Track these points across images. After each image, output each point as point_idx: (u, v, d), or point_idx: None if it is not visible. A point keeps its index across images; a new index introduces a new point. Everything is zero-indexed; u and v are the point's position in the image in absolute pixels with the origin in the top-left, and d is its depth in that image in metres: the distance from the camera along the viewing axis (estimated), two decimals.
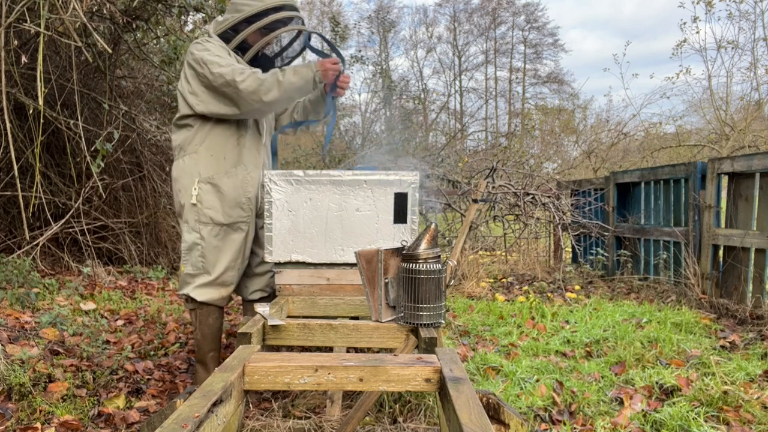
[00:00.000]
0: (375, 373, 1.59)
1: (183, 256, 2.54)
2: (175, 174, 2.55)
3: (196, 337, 2.56)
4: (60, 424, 2.15)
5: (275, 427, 2.13)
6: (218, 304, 2.56)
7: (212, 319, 2.56)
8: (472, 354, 3.16)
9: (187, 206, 2.49)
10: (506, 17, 28.10)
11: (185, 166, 2.51)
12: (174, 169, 2.57)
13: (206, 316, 2.54)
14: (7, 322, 3.26)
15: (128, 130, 5.35)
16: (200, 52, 2.35)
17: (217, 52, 2.37)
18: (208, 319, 2.54)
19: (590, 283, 5.61)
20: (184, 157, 2.51)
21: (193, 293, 2.51)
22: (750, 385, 2.54)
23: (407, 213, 2.59)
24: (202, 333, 2.54)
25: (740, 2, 9.63)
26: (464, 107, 27.23)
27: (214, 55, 2.34)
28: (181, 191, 2.51)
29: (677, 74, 10.92)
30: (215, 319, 2.57)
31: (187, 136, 2.50)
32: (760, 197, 3.98)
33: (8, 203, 5.14)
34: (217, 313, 2.58)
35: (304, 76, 2.33)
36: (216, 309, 2.58)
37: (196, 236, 2.49)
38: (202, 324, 2.53)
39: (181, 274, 2.56)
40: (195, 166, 2.48)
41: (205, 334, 2.55)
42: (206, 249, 2.50)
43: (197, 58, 2.35)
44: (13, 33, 3.56)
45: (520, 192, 5.76)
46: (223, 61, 2.32)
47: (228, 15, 2.48)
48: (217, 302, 2.55)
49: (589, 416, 2.32)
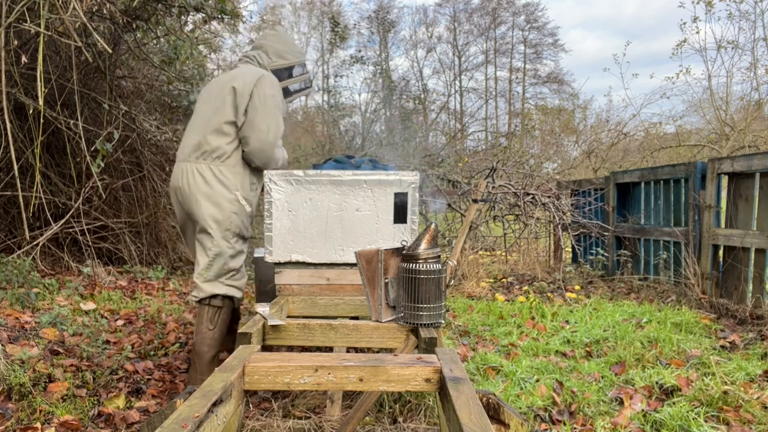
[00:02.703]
0: (375, 373, 1.59)
1: (209, 262, 2.62)
2: (211, 180, 2.62)
3: (212, 336, 2.62)
4: (60, 424, 2.15)
5: (275, 427, 2.13)
6: (238, 301, 2.79)
7: (228, 318, 2.72)
8: (472, 354, 3.16)
9: (227, 215, 2.62)
10: (506, 17, 28.10)
11: (225, 176, 2.63)
12: (208, 174, 2.62)
13: (228, 315, 2.70)
14: (7, 322, 3.26)
15: (128, 130, 5.35)
16: (280, 96, 2.74)
17: (283, 109, 2.80)
18: (227, 319, 2.70)
19: (590, 283, 5.61)
20: (220, 166, 2.62)
21: (226, 291, 2.65)
22: (750, 385, 2.54)
23: (407, 213, 2.59)
24: (221, 331, 2.66)
25: (740, 2, 9.62)
26: (464, 107, 27.23)
27: (281, 115, 2.75)
28: (220, 200, 2.62)
29: (677, 74, 10.90)
30: (229, 319, 2.74)
31: (229, 146, 2.65)
32: (760, 197, 3.98)
33: (8, 203, 5.14)
34: (230, 314, 2.74)
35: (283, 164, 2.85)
36: (232, 310, 2.74)
37: (226, 245, 2.63)
38: (222, 322, 2.67)
39: (202, 279, 2.63)
40: (234, 178, 2.65)
41: (223, 332, 2.68)
42: (234, 256, 2.67)
43: (276, 103, 2.69)
44: (13, 33, 3.56)
45: (520, 192, 5.76)
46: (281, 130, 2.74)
47: (276, 57, 2.86)
48: (239, 298, 2.76)
49: (589, 416, 2.32)
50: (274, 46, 2.87)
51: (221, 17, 5.20)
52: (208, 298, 2.63)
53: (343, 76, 15.49)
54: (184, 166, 2.65)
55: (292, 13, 24.13)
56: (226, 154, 2.63)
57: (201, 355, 2.59)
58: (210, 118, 2.64)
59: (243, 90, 2.60)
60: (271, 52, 2.86)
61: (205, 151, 2.62)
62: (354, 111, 15.81)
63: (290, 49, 2.91)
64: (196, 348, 2.60)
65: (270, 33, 2.98)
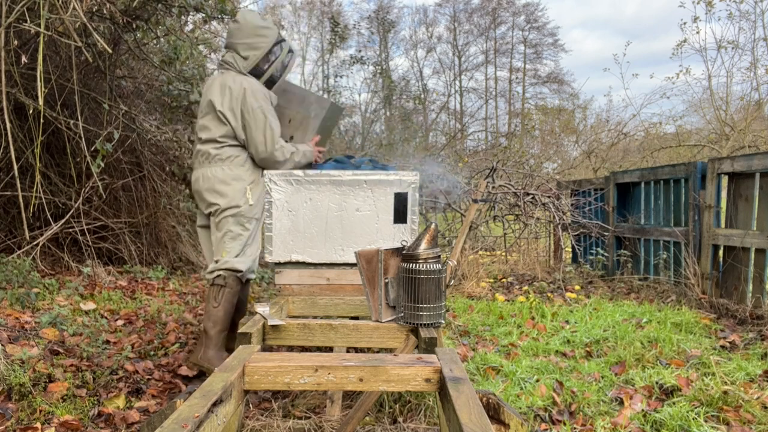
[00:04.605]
0: (375, 373, 1.59)
1: (226, 244, 2.73)
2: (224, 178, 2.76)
3: (217, 313, 2.68)
4: (60, 424, 2.15)
5: (275, 427, 2.13)
6: (248, 274, 2.82)
7: (235, 299, 2.76)
8: (472, 354, 3.16)
9: (244, 206, 2.75)
10: (506, 17, 28.08)
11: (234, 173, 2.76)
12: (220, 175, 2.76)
13: (232, 296, 2.72)
14: (7, 322, 3.26)
15: (128, 130, 5.34)
16: (264, 102, 2.77)
17: (271, 109, 2.81)
18: (232, 299, 2.73)
19: (590, 283, 5.61)
20: (231, 166, 2.77)
21: (237, 264, 2.71)
22: (750, 385, 2.54)
23: (407, 213, 2.59)
24: (225, 309, 2.70)
25: (740, 2, 9.63)
26: (464, 107, 27.21)
27: (273, 117, 2.79)
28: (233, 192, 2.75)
29: (677, 74, 10.91)
30: (236, 299, 2.79)
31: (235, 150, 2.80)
32: (760, 197, 3.98)
33: (8, 203, 5.14)
34: (236, 296, 2.78)
35: (308, 158, 2.89)
36: (237, 291, 2.76)
37: (240, 229, 2.74)
38: (227, 301, 2.71)
39: (217, 260, 2.75)
40: (245, 174, 2.78)
41: (227, 310, 2.71)
42: (249, 237, 2.78)
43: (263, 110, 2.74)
44: (13, 33, 3.56)
45: (520, 192, 5.77)
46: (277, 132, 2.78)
47: (249, 53, 2.82)
48: (247, 273, 2.80)
49: (589, 416, 2.32)
50: (242, 41, 2.83)
51: (221, 17, 5.20)
52: (212, 278, 2.73)
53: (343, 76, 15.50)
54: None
55: (292, 13, 24.14)
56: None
57: (206, 331, 2.69)
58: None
59: (232, 112, 2.75)
60: (241, 48, 2.83)
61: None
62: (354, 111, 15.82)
63: (257, 33, 2.84)
64: (203, 325, 2.73)
65: (233, 28, 2.89)
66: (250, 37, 2.82)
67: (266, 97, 2.81)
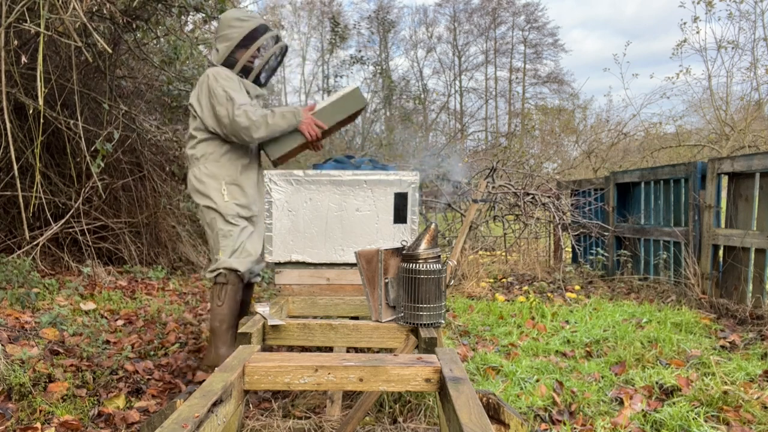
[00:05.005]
0: (375, 373, 1.59)
1: (220, 242, 2.71)
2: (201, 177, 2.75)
3: (222, 311, 2.68)
4: (60, 424, 2.15)
5: (275, 427, 2.13)
6: (246, 275, 2.78)
7: (238, 296, 2.74)
8: (472, 354, 3.16)
9: (221, 204, 2.72)
10: (506, 17, 28.08)
11: (209, 170, 2.73)
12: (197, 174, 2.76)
13: (234, 293, 2.71)
14: (7, 322, 3.26)
15: (128, 130, 5.34)
16: (226, 82, 2.66)
17: (235, 86, 2.68)
18: (235, 296, 2.72)
19: (590, 283, 5.61)
20: (206, 163, 2.73)
21: (235, 264, 2.68)
22: (750, 385, 2.54)
23: (407, 213, 2.59)
24: (229, 307, 2.70)
25: (740, 2, 9.63)
26: (464, 107, 27.23)
27: (237, 93, 2.66)
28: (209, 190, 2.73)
29: (677, 74, 10.92)
30: (239, 296, 2.76)
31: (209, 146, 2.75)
32: (760, 197, 3.98)
33: (8, 203, 5.14)
34: (239, 292, 2.75)
35: (289, 122, 2.67)
36: (240, 288, 2.75)
37: (228, 226, 2.71)
38: (230, 299, 2.69)
39: (216, 259, 2.74)
40: (219, 171, 2.73)
41: (232, 308, 2.70)
42: (241, 234, 2.73)
43: (223, 87, 2.63)
44: (13, 33, 3.56)
45: (520, 192, 5.77)
46: (238, 101, 2.63)
47: (221, 45, 2.78)
48: (246, 274, 2.76)
49: (589, 416, 2.32)
50: (218, 35, 2.83)
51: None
52: (214, 277, 2.73)
53: (343, 76, 15.50)
54: None
55: (292, 13, 24.16)
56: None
57: (214, 331, 2.68)
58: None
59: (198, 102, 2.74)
60: (217, 42, 2.82)
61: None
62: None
63: (230, 25, 2.79)
64: (210, 325, 2.72)
65: (217, 26, 2.89)
66: (224, 29, 2.80)
67: (230, 78, 2.71)
